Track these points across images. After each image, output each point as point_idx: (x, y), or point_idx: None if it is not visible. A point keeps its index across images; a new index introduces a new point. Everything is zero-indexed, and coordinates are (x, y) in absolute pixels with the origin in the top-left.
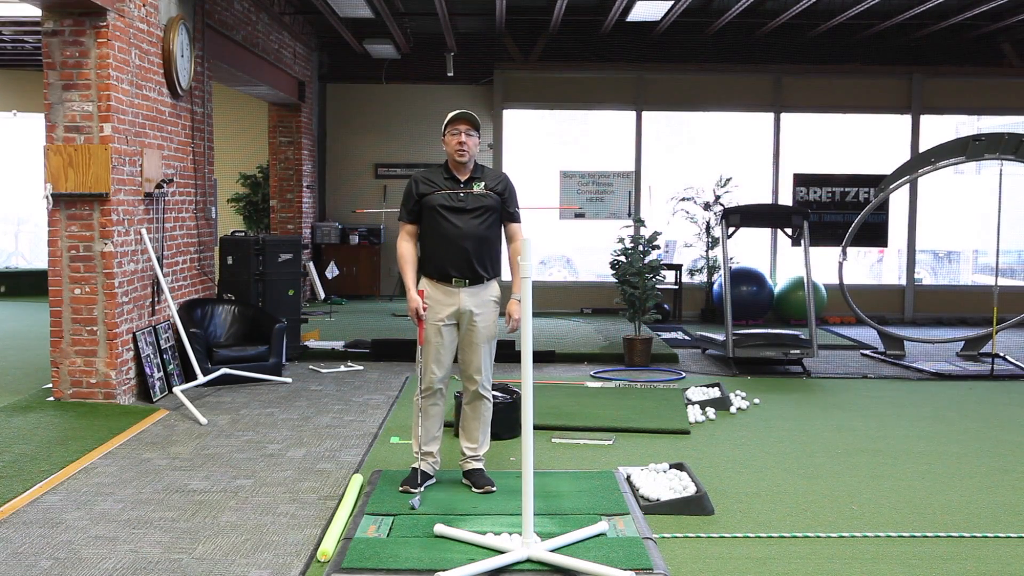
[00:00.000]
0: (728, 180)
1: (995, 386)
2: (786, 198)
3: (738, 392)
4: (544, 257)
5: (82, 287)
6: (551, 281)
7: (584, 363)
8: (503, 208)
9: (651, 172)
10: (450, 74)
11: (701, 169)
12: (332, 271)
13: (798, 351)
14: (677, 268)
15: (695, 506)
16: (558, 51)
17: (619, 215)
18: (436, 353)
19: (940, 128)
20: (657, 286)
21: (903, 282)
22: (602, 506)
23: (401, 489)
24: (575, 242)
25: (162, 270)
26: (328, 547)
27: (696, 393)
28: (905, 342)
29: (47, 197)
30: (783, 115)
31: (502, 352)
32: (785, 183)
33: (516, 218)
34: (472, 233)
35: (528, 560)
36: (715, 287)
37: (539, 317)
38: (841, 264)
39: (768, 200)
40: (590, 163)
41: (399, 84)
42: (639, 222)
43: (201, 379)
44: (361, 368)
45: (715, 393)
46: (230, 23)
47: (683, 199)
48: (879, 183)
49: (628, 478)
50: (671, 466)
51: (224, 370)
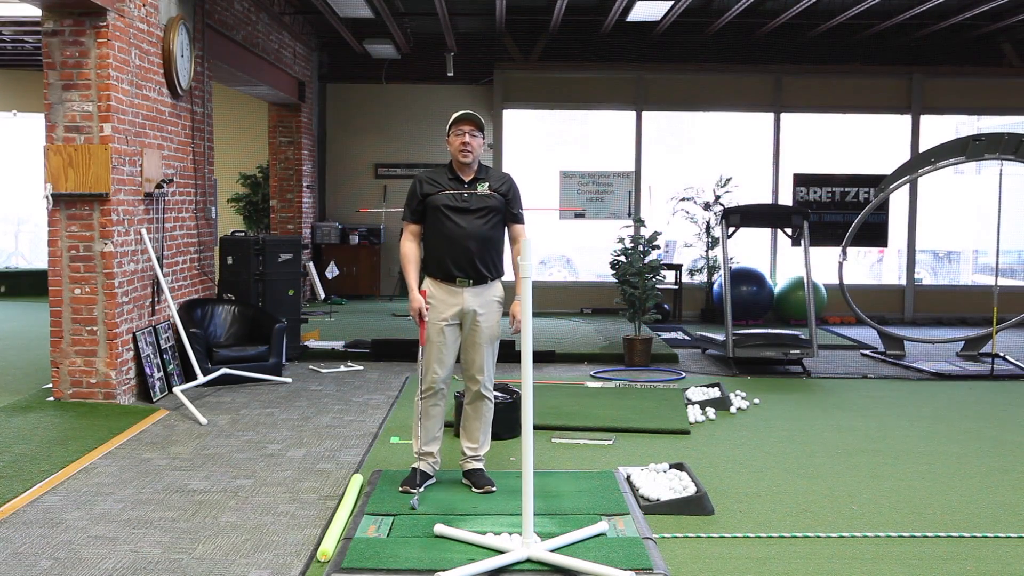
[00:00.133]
0: (728, 180)
1: (995, 386)
2: (786, 198)
3: (738, 392)
4: (544, 257)
5: (82, 287)
6: (551, 281)
7: (584, 363)
8: (507, 209)
9: (651, 172)
10: (450, 74)
11: (701, 169)
12: (332, 271)
13: (798, 351)
14: (677, 268)
15: (695, 506)
16: (558, 51)
17: (619, 215)
18: (439, 353)
19: (940, 128)
20: (657, 286)
21: (903, 282)
22: (602, 506)
23: (401, 489)
24: (575, 242)
25: (162, 270)
26: (328, 547)
27: (696, 393)
28: (905, 342)
29: (47, 197)
30: (783, 115)
31: (502, 352)
32: (785, 183)
33: (520, 219)
34: (476, 233)
35: (528, 560)
36: (715, 287)
37: (539, 317)
38: (841, 264)
39: (768, 200)
40: (590, 163)
41: (399, 84)
42: (639, 222)
43: (201, 379)
44: (361, 368)
45: (715, 393)
46: (230, 23)
47: (683, 199)
48: (879, 183)
49: (628, 478)
50: (671, 466)
51: (224, 370)
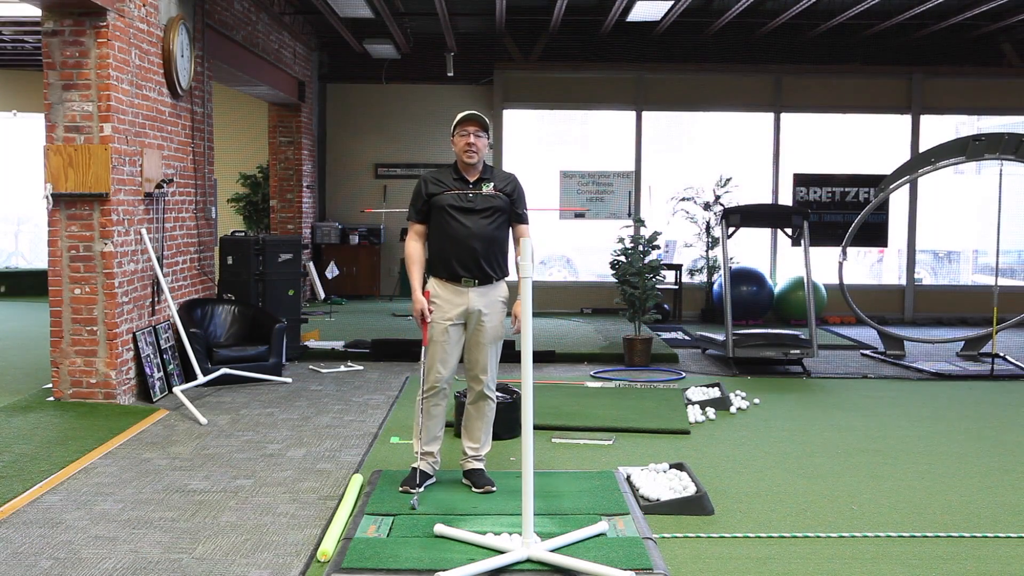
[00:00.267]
0: (728, 180)
1: (995, 386)
2: (786, 198)
3: (738, 392)
4: (544, 257)
5: (82, 287)
6: (551, 281)
7: (584, 363)
8: (512, 209)
9: (651, 172)
10: (450, 74)
11: (701, 169)
12: (332, 271)
13: (798, 351)
14: (677, 268)
15: (695, 506)
16: (558, 51)
17: (619, 215)
18: (442, 353)
19: (940, 128)
20: (657, 286)
21: (903, 282)
22: (602, 506)
23: (401, 489)
24: (575, 242)
25: (162, 270)
26: (328, 547)
27: (696, 393)
28: (905, 342)
29: (47, 197)
30: (783, 115)
31: (502, 352)
32: (785, 183)
33: (524, 219)
34: (481, 233)
35: (528, 560)
36: (715, 287)
37: (539, 317)
38: (841, 264)
39: (768, 200)
40: (590, 163)
41: (399, 84)
42: (639, 222)
43: (201, 379)
44: (361, 368)
45: (715, 393)
46: (230, 23)
47: (683, 199)
48: (879, 183)
49: (628, 478)
50: (671, 466)
51: (224, 370)
